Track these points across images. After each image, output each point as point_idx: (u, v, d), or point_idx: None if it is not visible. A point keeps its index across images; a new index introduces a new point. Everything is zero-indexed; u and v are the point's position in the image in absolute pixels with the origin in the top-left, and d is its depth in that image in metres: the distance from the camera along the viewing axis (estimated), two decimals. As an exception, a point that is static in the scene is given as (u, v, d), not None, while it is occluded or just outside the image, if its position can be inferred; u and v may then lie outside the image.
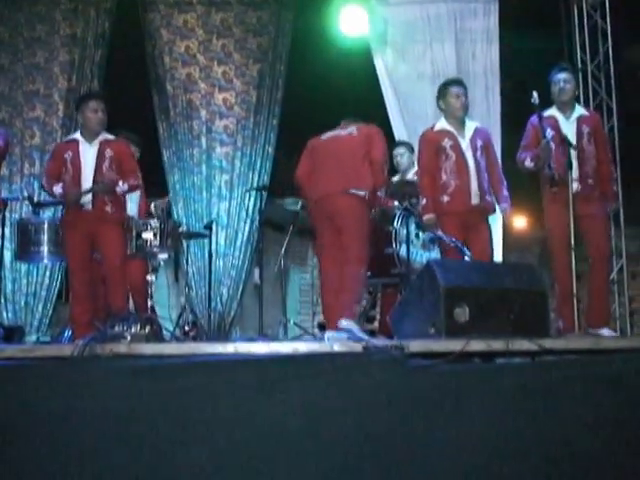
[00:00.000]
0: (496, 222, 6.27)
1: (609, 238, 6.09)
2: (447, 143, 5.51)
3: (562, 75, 5.63)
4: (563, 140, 5.36)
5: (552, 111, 5.60)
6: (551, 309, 4.61)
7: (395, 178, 6.74)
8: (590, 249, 5.48)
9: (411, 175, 6.62)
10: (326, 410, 3.32)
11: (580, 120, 5.59)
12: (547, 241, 5.64)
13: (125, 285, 5.68)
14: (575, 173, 5.39)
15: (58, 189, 5.59)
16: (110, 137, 5.73)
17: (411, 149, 6.82)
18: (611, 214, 6.63)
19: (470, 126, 5.63)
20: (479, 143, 5.56)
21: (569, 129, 5.52)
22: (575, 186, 5.36)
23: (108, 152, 5.63)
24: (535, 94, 5.24)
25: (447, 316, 3.92)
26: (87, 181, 5.56)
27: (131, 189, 5.77)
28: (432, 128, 5.68)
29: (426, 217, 5.53)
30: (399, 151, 6.82)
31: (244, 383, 3.33)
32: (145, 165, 5.93)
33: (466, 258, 5.29)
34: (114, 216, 5.63)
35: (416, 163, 6.88)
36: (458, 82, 5.75)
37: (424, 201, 5.54)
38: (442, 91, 5.67)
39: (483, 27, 8.01)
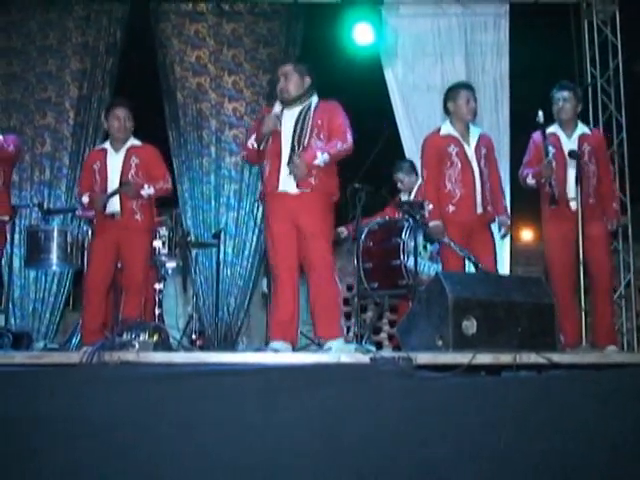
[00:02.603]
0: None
1: (611, 258, 6.04)
2: (453, 150, 5.42)
3: (561, 94, 5.60)
4: (569, 154, 5.34)
5: (554, 128, 5.58)
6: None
7: (403, 197, 6.77)
8: (592, 270, 5.46)
9: (415, 191, 6.68)
10: (333, 421, 3.32)
11: (581, 138, 5.56)
12: (545, 258, 5.64)
13: (142, 295, 5.70)
14: (574, 192, 5.35)
15: (85, 198, 5.64)
16: (137, 143, 5.78)
17: (410, 169, 6.85)
18: (620, 229, 6.60)
19: (475, 132, 5.55)
20: (483, 151, 5.49)
21: (570, 147, 5.48)
22: (574, 205, 5.34)
23: (134, 159, 5.66)
24: (540, 112, 5.22)
25: (455, 328, 3.92)
26: (112, 188, 5.59)
27: (159, 192, 5.76)
28: (438, 132, 5.58)
29: (433, 224, 5.42)
30: (398, 177, 6.84)
31: (251, 393, 3.34)
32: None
33: (471, 267, 5.28)
34: (143, 224, 5.64)
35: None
36: (468, 86, 5.68)
37: (430, 207, 5.43)
38: (451, 93, 5.57)
39: (493, 40, 8.04)
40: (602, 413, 3.44)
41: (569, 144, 5.53)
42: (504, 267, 7.21)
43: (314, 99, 4.96)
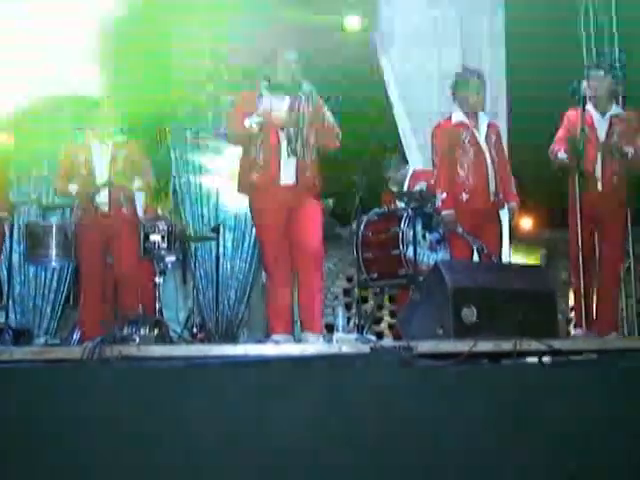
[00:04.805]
0: (503, 222, 6.20)
1: (623, 244, 6.04)
2: (465, 137, 5.40)
3: (598, 72, 5.59)
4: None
5: (588, 107, 5.51)
6: (560, 310, 4.61)
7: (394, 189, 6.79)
8: (603, 253, 5.44)
9: (407, 183, 6.69)
10: (334, 410, 3.33)
11: (613, 119, 5.52)
12: (568, 236, 5.58)
13: (137, 287, 5.72)
14: (599, 172, 5.36)
15: (74, 187, 5.62)
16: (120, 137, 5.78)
17: (398, 163, 6.86)
18: None
19: (483, 120, 5.54)
20: (493, 138, 5.49)
21: (602, 127, 5.47)
22: (599, 185, 5.32)
23: (121, 152, 5.67)
24: (584, 83, 5.16)
25: (455, 317, 3.93)
26: (101, 181, 5.59)
27: (144, 188, 5.80)
28: (449, 118, 5.55)
29: (446, 212, 5.38)
30: (389, 174, 6.86)
31: (253, 384, 3.35)
32: (153, 166, 5.97)
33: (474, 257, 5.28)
34: (129, 217, 5.66)
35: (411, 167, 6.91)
36: (479, 75, 5.64)
37: (443, 195, 5.38)
38: (461, 83, 5.55)
39: (489, 30, 8.01)
40: (604, 398, 3.45)
41: (602, 123, 5.50)
42: (504, 255, 7.21)
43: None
